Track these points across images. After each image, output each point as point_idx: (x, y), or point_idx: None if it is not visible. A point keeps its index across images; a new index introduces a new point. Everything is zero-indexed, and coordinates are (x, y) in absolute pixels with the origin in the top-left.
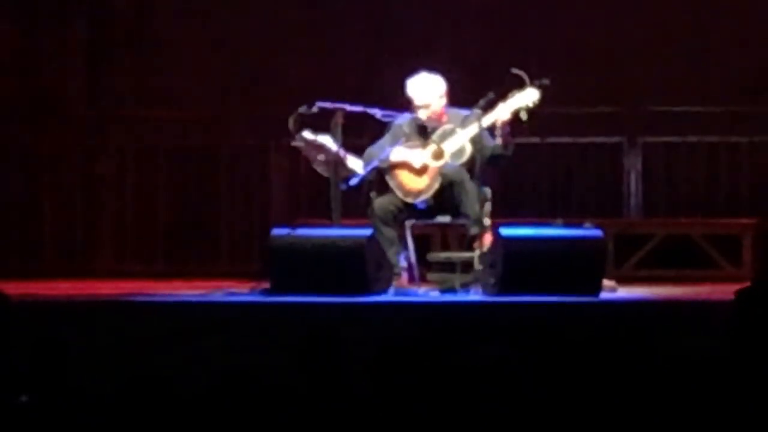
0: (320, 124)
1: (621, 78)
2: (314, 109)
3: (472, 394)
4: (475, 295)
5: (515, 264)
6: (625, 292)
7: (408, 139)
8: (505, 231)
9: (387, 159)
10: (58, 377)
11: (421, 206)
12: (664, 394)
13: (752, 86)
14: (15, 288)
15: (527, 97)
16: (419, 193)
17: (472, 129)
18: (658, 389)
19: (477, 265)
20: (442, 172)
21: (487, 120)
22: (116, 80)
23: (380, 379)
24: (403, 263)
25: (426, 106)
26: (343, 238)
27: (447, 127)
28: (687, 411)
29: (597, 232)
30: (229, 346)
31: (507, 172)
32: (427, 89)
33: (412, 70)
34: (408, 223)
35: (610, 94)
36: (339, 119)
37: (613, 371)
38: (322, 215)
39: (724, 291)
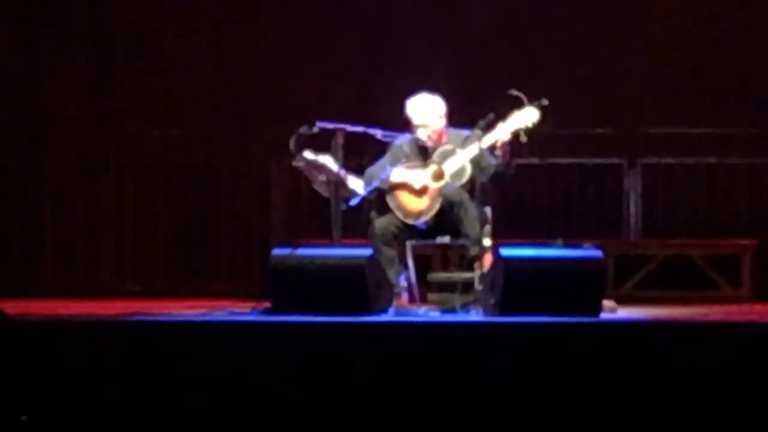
0: (321, 143)
1: (620, 99)
2: (315, 129)
3: (471, 413)
4: (475, 315)
5: (515, 284)
6: (624, 313)
7: (408, 159)
8: (505, 251)
9: (387, 180)
10: (58, 397)
11: (422, 227)
12: (664, 413)
13: (750, 107)
14: (15, 307)
15: (527, 117)
16: (419, 213)
17: (472, 150)
18: (657, 408)
19: (477, 286)
20: (442, 193)
21: (487, 140)
22: (117, 99)
23: (381, 397)
24: (404, 283)
25: (425, 126)
26: (344, 257)
27: (447, 147)
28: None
29: (597, 253)
30: (230, 365)
31: (507, 192)
32: (426, 109)
33: (412, 91)
34: (408, 243)
35: (610, 116)
36: (340, 139)
37: (612, 391)
38: (323, 235)
39: (723, 312)
